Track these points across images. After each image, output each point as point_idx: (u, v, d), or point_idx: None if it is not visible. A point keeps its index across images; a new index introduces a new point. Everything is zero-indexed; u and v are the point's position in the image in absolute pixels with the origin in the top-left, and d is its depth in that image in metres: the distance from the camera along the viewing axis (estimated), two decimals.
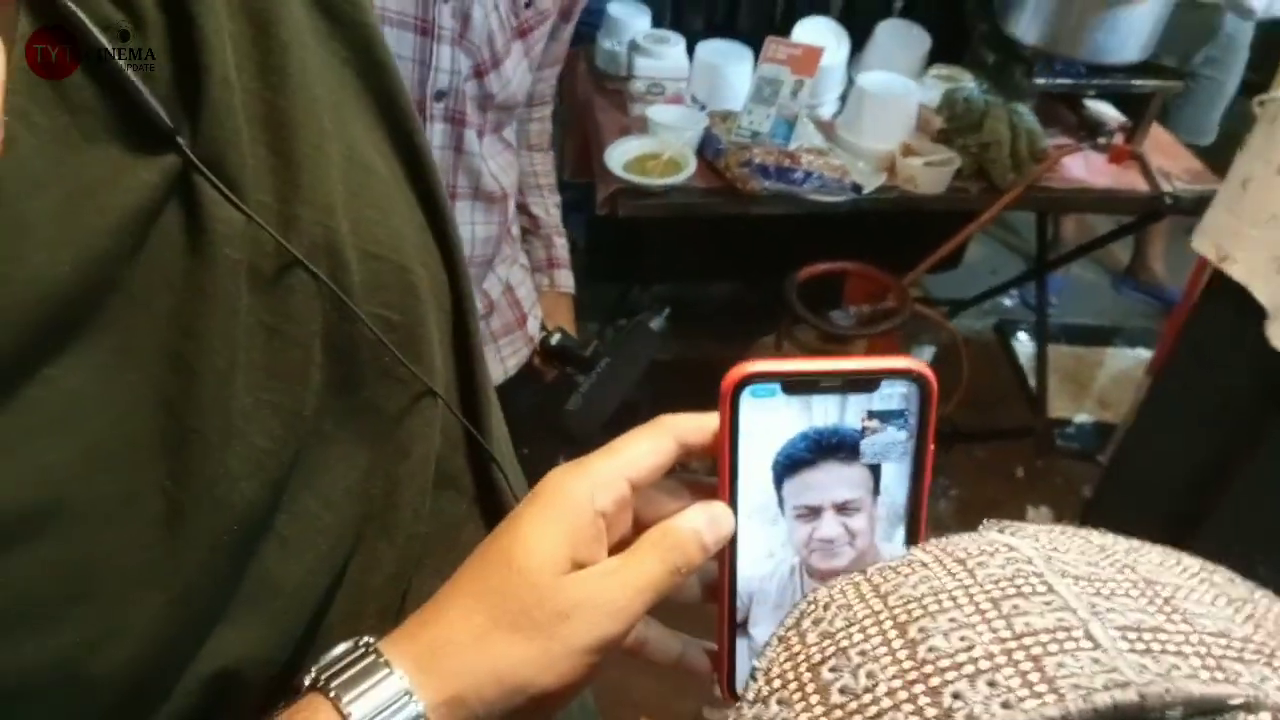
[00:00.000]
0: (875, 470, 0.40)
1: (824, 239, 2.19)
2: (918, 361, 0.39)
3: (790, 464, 0.40)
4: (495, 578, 0.38)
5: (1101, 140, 2.10)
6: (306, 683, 0.38)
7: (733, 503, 0.40)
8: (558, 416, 1.33)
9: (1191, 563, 0.29)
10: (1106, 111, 2.22)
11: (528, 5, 1.16)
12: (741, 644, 0.43)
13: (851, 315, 2.07)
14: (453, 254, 0.49)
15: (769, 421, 0.39)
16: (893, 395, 0.39)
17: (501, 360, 1.39)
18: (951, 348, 2.42)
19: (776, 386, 0.38)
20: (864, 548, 0.41)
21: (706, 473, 0.43)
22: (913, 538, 0.41)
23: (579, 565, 0.39)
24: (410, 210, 0.47)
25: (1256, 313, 1.58)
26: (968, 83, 2.16)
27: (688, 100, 2.16)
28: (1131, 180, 2.13)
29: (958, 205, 2.06)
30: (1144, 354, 2.84)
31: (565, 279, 1.53)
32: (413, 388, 0.45)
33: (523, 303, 1.40)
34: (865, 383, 0.39)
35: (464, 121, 1.15)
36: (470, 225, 1.24)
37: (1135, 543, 0.29)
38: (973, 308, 3.04)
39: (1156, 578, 0.26)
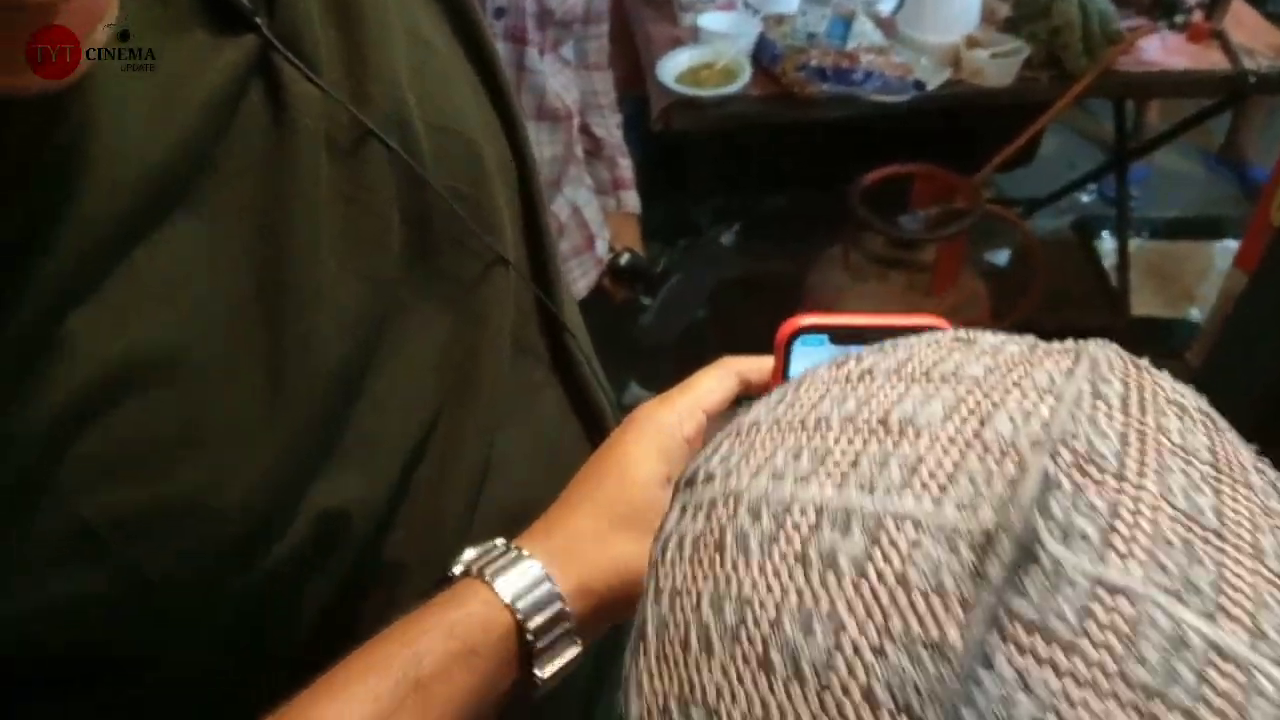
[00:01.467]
0: None
1: (887, 142, 2.11)
2: (940, 320, 0.45)
3: None
4: (611, 489, 0.45)
5: (1178, 19, 1.97)
6: (457, 572, 0.44)
7: None
8: (629, 335, 1.33)
9: None
10: None
11: None
12: None
13: (920, 219, 2.01)
14: (516, 130, 0.52)
15: (816, 362, 0.44)
16: None
17: (573, 281, 1.39)
18: (1027, 248, 2.34)
19: (825, 337, 0.46)
20: None
21: None
22: None
23: (671, 477, 0.45)
24: (473, 88, 0.50)
25: None
26: None
27: (739, 6, 2.09)
28: (1212, 59, 2.00)
29: (1028, 97, 1.97)
30: (1232, 245, 2.70)
31: (631, 200, 1.52)
32: (485, 256, 0.49)
33: (590, 224, 1.39)
34: (899, 332, 0.42)
35: (525, 39, 1.14)
36: (536, 145, 1.23)
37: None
38: (1049, 206, 2.93)
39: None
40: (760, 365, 0.48)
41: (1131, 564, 0.23)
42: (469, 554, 0.44)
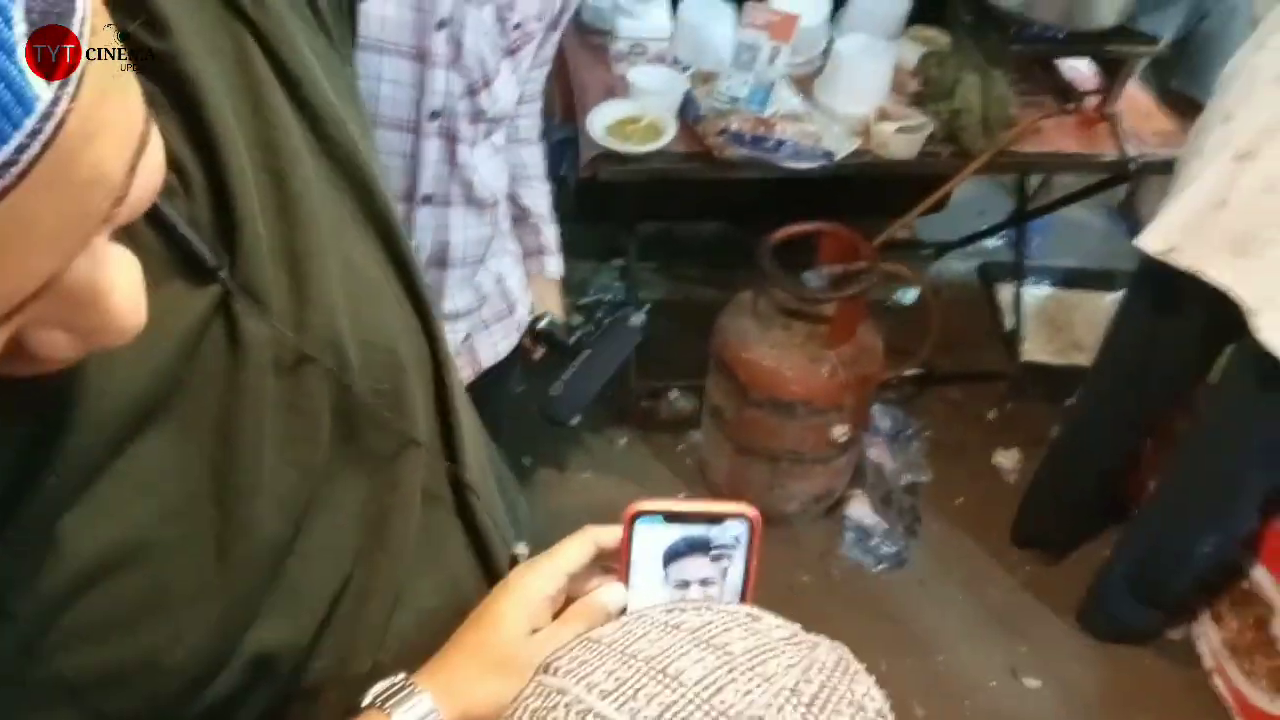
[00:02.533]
0: (724, 565, 0.63)
1: (805, 191, 2.25)
2: (748, 507, 0.61)
3: (672, 554, 0.63)
4: (486, 639, 0.58)
5: (1070, 106, 2.14)
6: (364, 704, 0.55)
7: (629, 584, 0.62)
8: (543, 395, 1.45)
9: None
10: (1080, 69, 2.26)
11: (516, 26, 1.23)
12: None
13: (824, 275, 2.16)
14: (432, 334, 0.63)
15: (655, 535, 0.61)
16: (734, 526, 0.62)
17: (494, 344, 1.50)
18: (924, 297, 2.51)
19: (660, 518, 0.61)
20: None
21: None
22: (744, 601, 0.63)
23: (535, 629, 0.59)
24: (398, 303, 0.61)
25: (1188, 293, 1.68)
26: (945, 44, 2.20)
27: (670, 61, 2.21)
28: (1101, 143, 2.18)
29: (927, 169, 2.12)
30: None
31: (553, 265, 1.62)
32: (400, 437, 0.60)
33: (512, 292, 1.50)
34: (715, 519, 0.61)
35: (456, 137, 1.23)
36: (464, 229, 1.33)
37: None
38: (959, 249, 3.11)
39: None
40: (613, 534, 0.62)
41: None
42: (375, 689, 0.56)
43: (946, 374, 2.74)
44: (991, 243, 3.20)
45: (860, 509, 2.42)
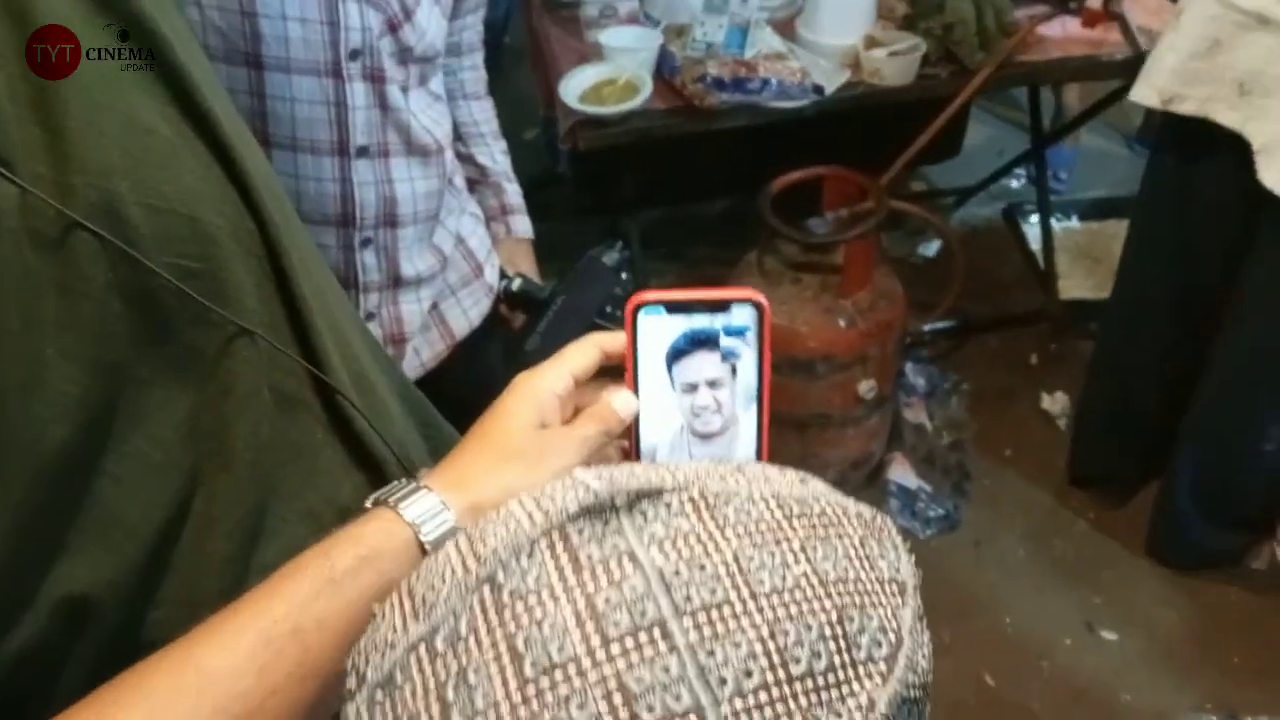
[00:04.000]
0: (732, 363, 0.56)
1: (804, 143, 2.12)
2: (755, 292, 0.55)
3: (675, 353, 0.56)
4: (494, 432, 0.53)
5: (1073, 4, 1.99)
6: (368, 505, 0.50)
7: (636, 390, 0.57)
8: (521, 354, 1.33)
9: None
10: None
11: None
12: None
13: (829, 221, 2.02)
14: (257, 203, 0.54)
15: (659, 330, 0.56)
16: (741, 313, 0.55)
17: (464, 312, 1.39)
18: (944, 240, 2.36)
19: (662, 308, 0.55)
20: (728, 414, 0.57)
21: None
22: (760, 409, 0.57)
23: (545, 427, 0.54)
24: (205, 167, 0.52)
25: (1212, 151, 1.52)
26: None
27: (642, 19, 2.10)
28: (1113, 43, 2.02)
29: (928, 93, 1.98)
30: None
31: (521, 224, 1.51)
32: (225, 329, 0.50)
33: (476, 253, 1.39)
34: (721, 305, 0.55)
35: (384, 79, 1.13)
36: (409, 181, 1.23)
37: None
38: (981, 194, 2.95)
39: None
40: (616, 337, 0.57)
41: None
42: (376, 493, 0.51)
43: (981, 321, 2.57)
44: (1015, 184, 3.04)
45: (903, 472, 2.25)
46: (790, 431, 2.09)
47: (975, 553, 2.12)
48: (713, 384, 0.57)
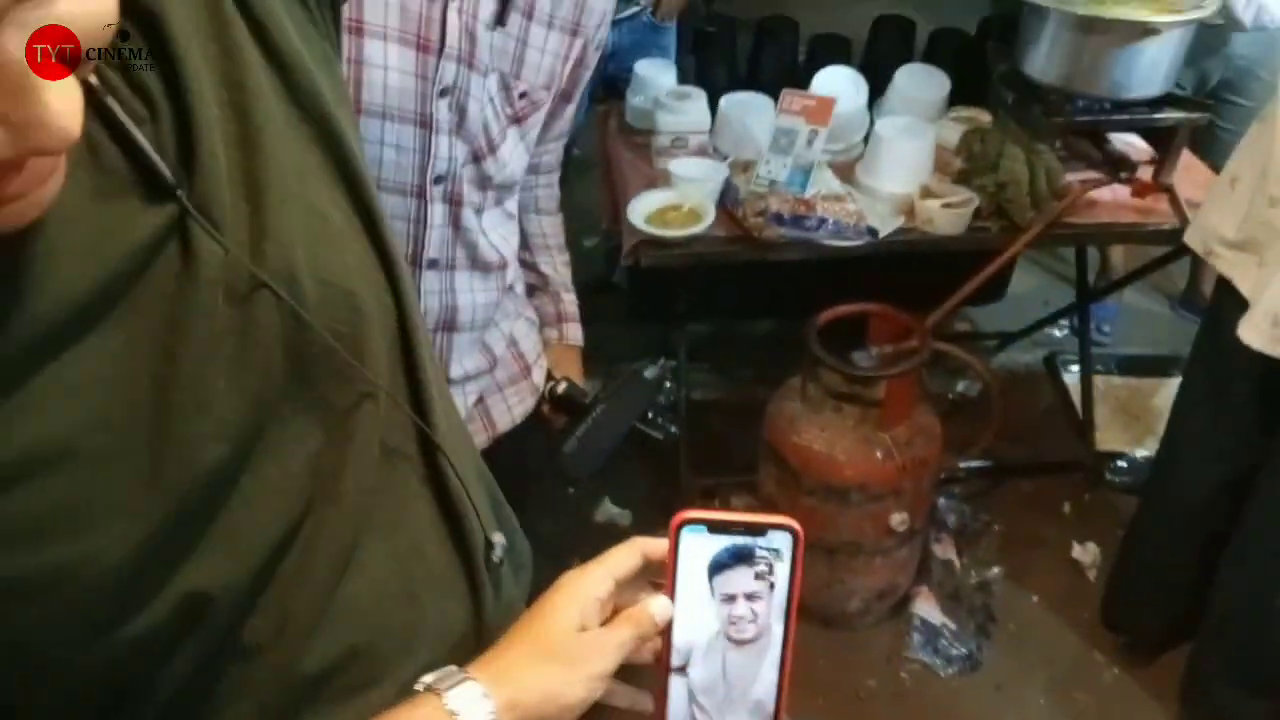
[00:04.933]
0: (769, 581, 0.63)
1: (856, 278, 2.21)
2: (791, 520, 0.61)
3: (718, 566, 0.62)
4: (538, 632, 0.61)
5: (1124, 175, 2.09)
6: (419, 689, 0.57)
7: (674, 596, 0.63)
8: (558, 455, 1.41)
9: None
10: (1134, 144, 2.21)
11: (522, 96, 1.24)
12: (680, 683, 0.65)
13: (874, 356, 2.09)
14: (399, 286, 0.63)
15: (700, 545, 0.62)
16: (777, 537, 0.62)
17: (509, 409, 1.47)
18: (983, 381, 2.42)
19: (704, 527, 0.61)
20: (763, 624, 0.64)
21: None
22: (787, 624, 0.64)
23: (585, 629, 0.61)
24: (363, 251, 0.61)
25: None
26: (987, 123, 2.18)
27: (710, 152, 2.23)
28: (1161, 211, 2.11)
29: (977, 245, 2.07)
30: None
31: (573, 332, 1.60)
32: (359, 386, 0.58)
33: (526, 355, 1.48)
34: (758, 530, 0.61)
35: (461, 202, 1.23)
36: (470, 293, 1.33)
37: None
38: (1023, 340, 3.02)
39: None
40: (659, 545, 0.63)
41: None
42: (429, 677, 0.57)
43: (1016, 465, 2.61)
44: (1057, 333, 3.11)
45: (927, 607, 2.27)
46: (820, 556, 2.13)
47: (995, 696, 2.12)
48: (750, 596, 0.63)
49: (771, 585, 0.62)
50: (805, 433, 2.04)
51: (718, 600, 0.63)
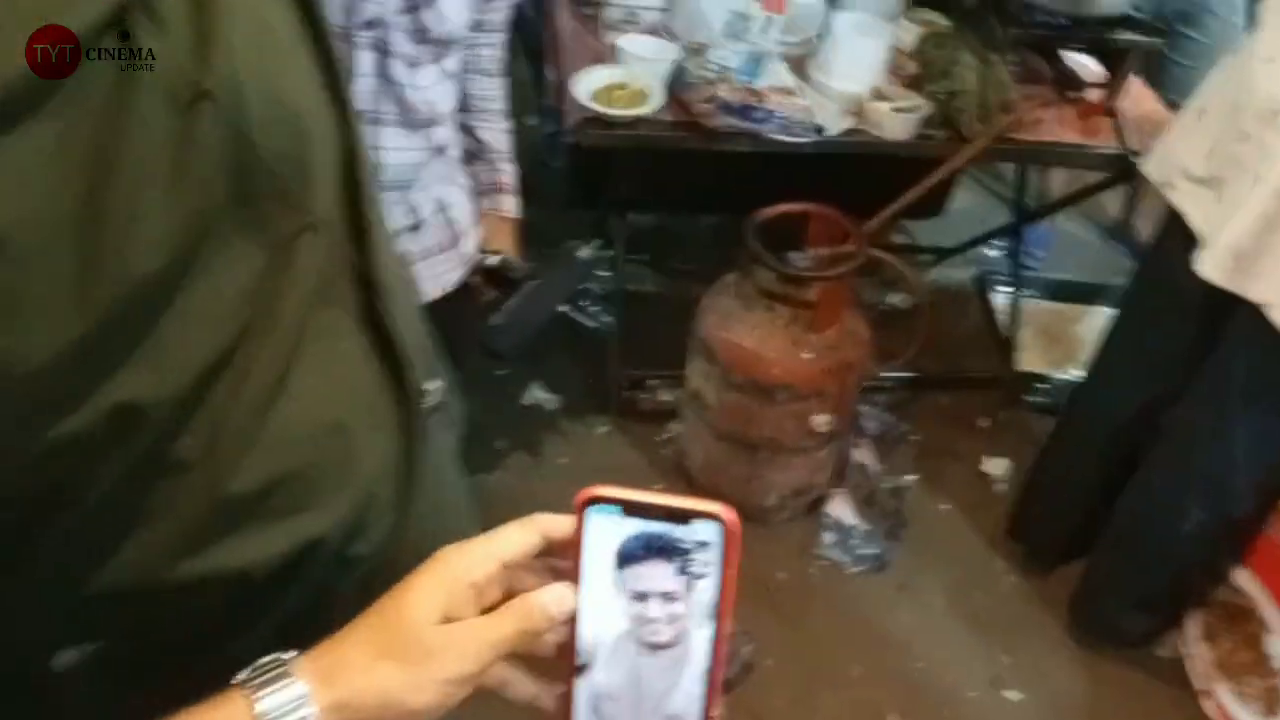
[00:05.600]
0: (689, 579, 0.53)
1: (800, 179, 2.18)
2: (725, 508, 0.51)
3: (627, 557, 0.53)
4: (385, 622, 0.52)
5: (1072, 94, 2.08)
6: (235, 682, 0.50)
7: (579, 585, 0.53)
8: (485, 330, 1.38)
9: None
10: (1086, 64, 2.20)
11: None
12: (584, 685, 0.56)
13: (810, 257, 2.08)
14: (345, 113, 0.60)
15: (612, 528, 0.52)
16: (705, 529, 0.51)
17: (437, 277, 1.43)
18: (914, 293, 2.43)
19: (618, 509, 0.52)
20: (680, 628, 0.53)
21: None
22: (717, 628, 0.54)
23: (451, 620, 0.52)
24: (310, 72, 0.58)
25: (1195, 241, 1.60)
26: (944, 28, 2.14)
27: (662, 32, 2.16)
28: (1104, 137, 2.11)
29: (923, 152, 2.06)
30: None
31: (510, 204, 1.56)
32: (301, 214, 0.55)
33: (456, 223, 1.43)
34: (681, 517, 0.51)
35: (390, 52, 1.17)
36: (397, 151, 1.27)
37: None
38: (956, 257, 3.04)
39: None
40: (563, 524, 0.54)
41: None
42: (243, 673, 0.51)
43: (938, 378, 2.65)
44: (990, 253, 3.13)
45: (842, 508, 2.32)
46: (741, 451, 2.15)
47: (897, 596, 2.19)
48: (666, 596, 0.53)
49: (693, 584, 0.52)
50: (736, 329, 2.04)
51: (626, 596, 0.53)
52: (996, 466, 2.48)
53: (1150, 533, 1.90)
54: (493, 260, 1.48)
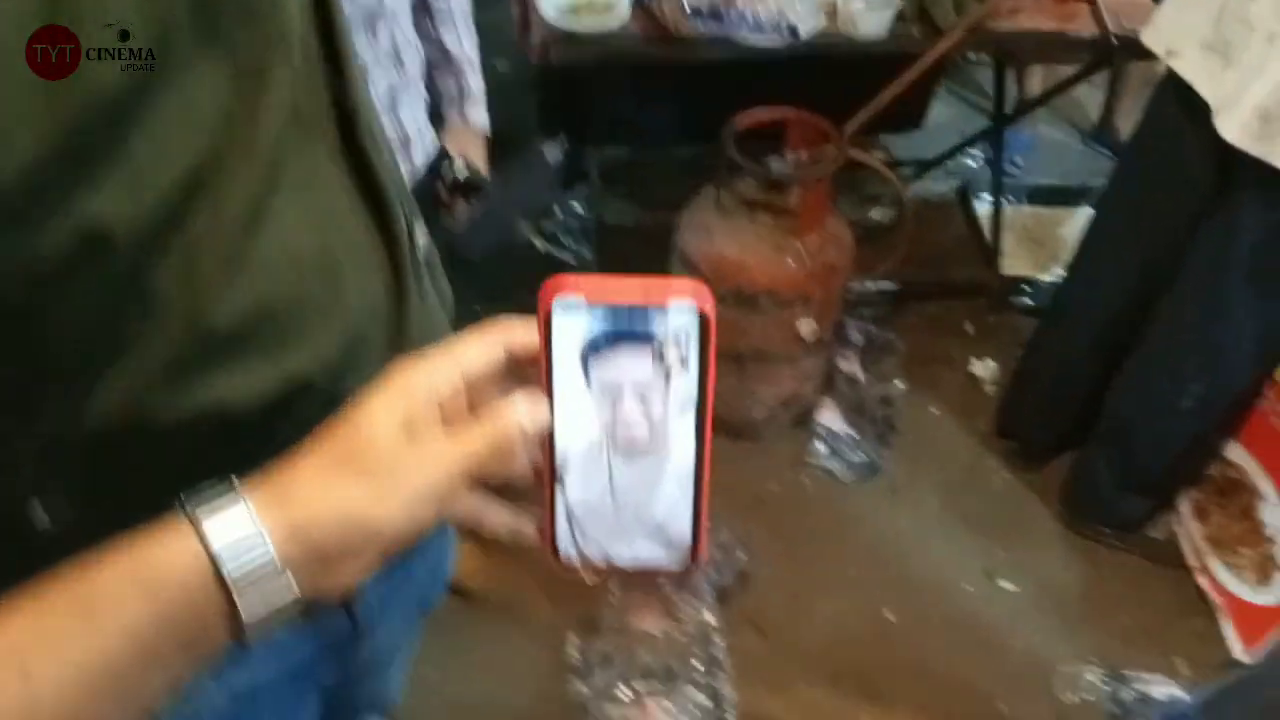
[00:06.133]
0: (669, 368, 0.49)
1: (776, 91, 2.16)
2: (701, 291, 0.47)
3: (595, 349, 0.48)
4: (340, 436, 0.48)
5: None
6: (177, 507, 0.46)
7: (550, 394, 0.49)
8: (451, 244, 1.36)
9: None
10: None
11: None
12: (563, 502, 0.52)
13: (789, 163, 2.06)
14: None
15: (579, 326, 0.48)
16: (676, 314, 0.47)
17: None
18: (896, 200, 2.42)
19: (582, 300, 0.47)
20: (659, 426, 0.50)
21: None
22: (701, 426, 0.50)
23: (411, 433, 0.47)
24: None
25: (1199, 112, 1.57)
26: None
27: None
28: (1082, 23, 2.09)
29: (899, 48, 2.03)
30: None
31: (477, 115, 1.53)
32: (270, 29, 0.52)
33: (406, 126, 1.39)
34: (656, 303, 0.47)
35: None
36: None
37: None
38: (937, 169, 3.02)
39: None
40: (527, 329, 0.49)
41: None
42: (187, 496, 0.47)
43: (922, 288, 2.65)
44: (971, 164, 3.11)
45: (831, 417, 2.33)
46: (728, 364, 2.15)
47: (891, 499, 2.21)
48: (641, 390, 0.49)
49: (671, 375, 0.49)
50: (718, 240, 2.03)
51: (597, 396, 0.49)
52: (985, 369, 2.49)
53: (1148, 413, 1.90)
54: (461, 172, 1.46)
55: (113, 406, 0.52)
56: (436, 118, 1.51)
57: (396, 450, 0.47)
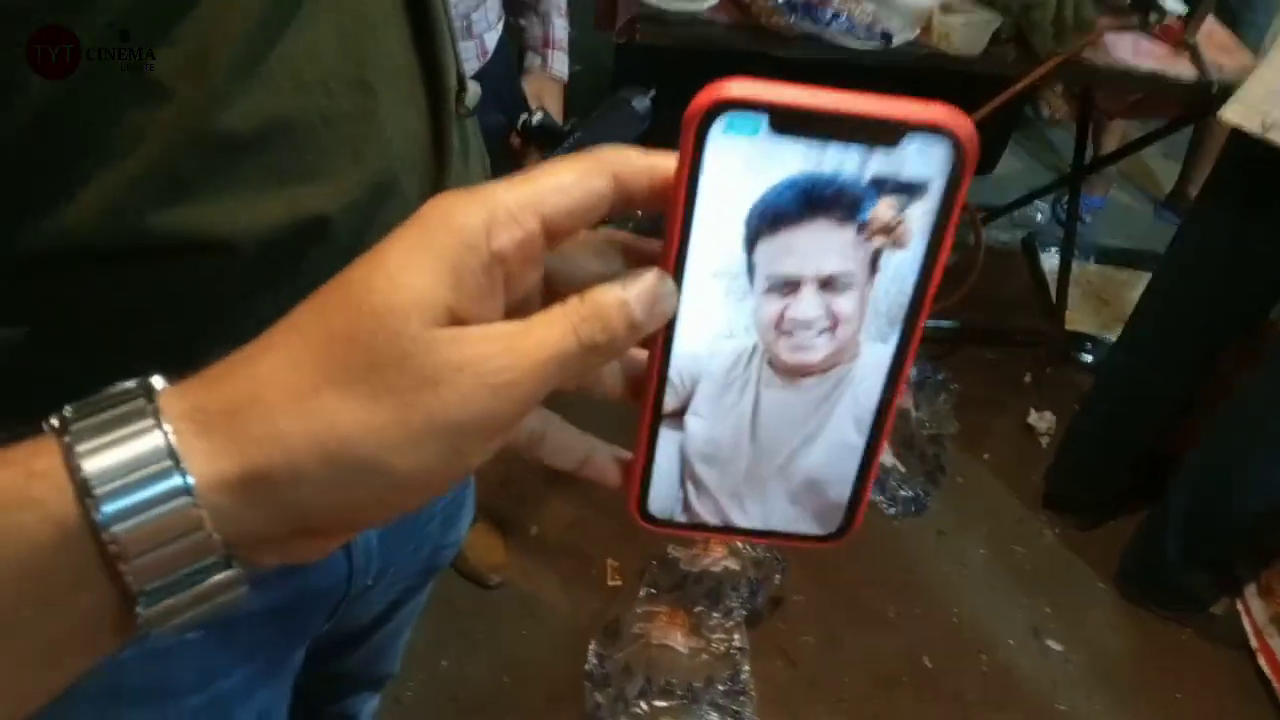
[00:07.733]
0: (878, 248, 0.30)
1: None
2: (957, 114, 0.28)
3: (770, 219, 0.30)
4: (340, 319, 0.27)
5: (1153, 18, 1.98)
6: (55, 422, 0.27)
7: (679, 273, 0.30)
8: None
9: None
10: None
11: None
12: (671, 439, 0.34)
13: None
14: None
15: (748, 165, 0.29)
16: (915, 155, 0.29)
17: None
18: (968, 244, 2.33)
19: (763, 120, 0.28)
20: (846, 340, 0.32)
21: (653, 229, 0.32)
22: (906, 342, 0.32)
23: (460, 321, 0.28)
24: None
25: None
26: None
27: None
28: (1180, 69, 2.01)
29: (992, 69, 1.95)
30: None
31: (559, 62, 1.46)
32: None
33: (474, 25, 1.32)
34: (882, 134, 0.28)
35: None
36: None
37: None
38: (1003, 218, 2.94)
39: None
40: (653, 165, 0.30)
41: None
42: (70, 408, 0.28)
43: (982, 331, 2.55)
44: (1037, 217, 3.04)
45: None
46: None
47: (936, 541, 2.08)
48: (828, 283, 0.31)
49: (875, 262, 0.30)
50: None
51: (760, 283, 0.31)
52: (1041, 420, 2.38)
53: (1226, 494, 1.79)
54: (536, 118, 1.38)
55: (89, 214, 0.42)
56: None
57: (432, 353, 0.27)
